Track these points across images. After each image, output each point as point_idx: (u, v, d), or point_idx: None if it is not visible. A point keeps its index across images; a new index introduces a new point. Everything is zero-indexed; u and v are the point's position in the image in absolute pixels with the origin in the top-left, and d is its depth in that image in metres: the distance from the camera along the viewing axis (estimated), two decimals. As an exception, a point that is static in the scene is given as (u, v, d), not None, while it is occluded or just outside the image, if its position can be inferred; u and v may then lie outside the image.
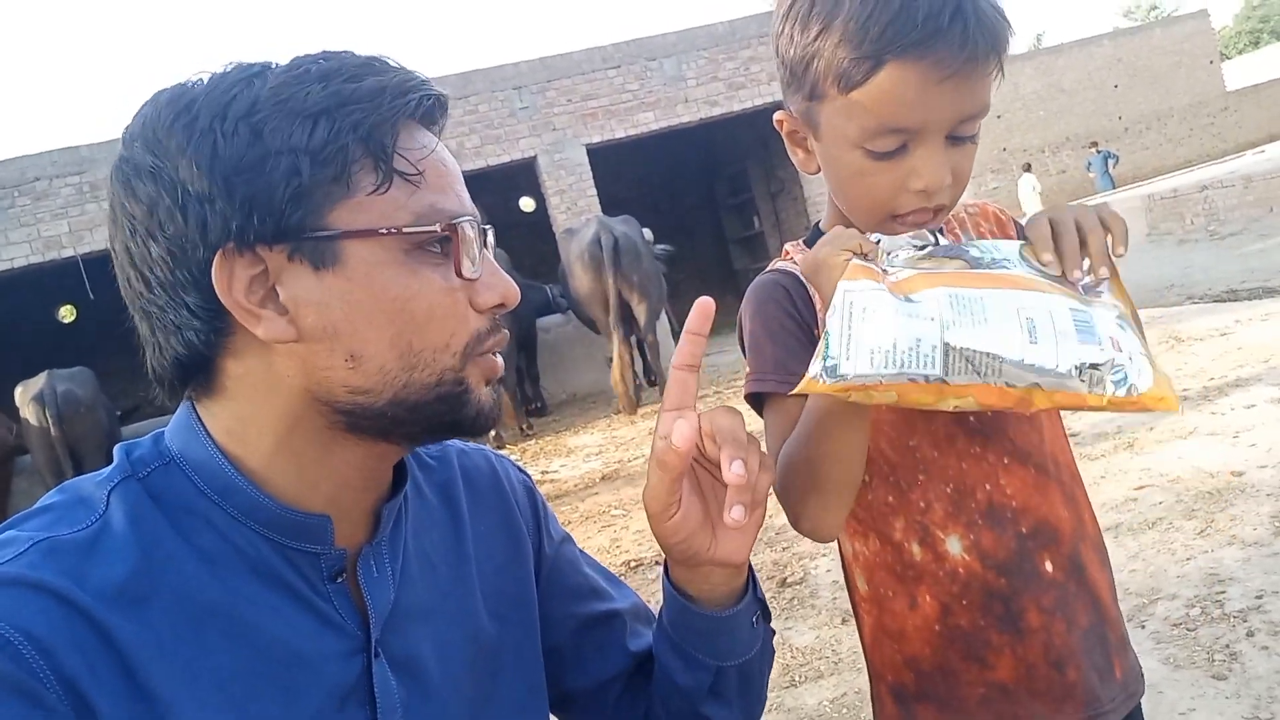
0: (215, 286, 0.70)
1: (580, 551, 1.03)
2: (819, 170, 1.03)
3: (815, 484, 0.93)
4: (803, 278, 0.98)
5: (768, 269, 1.10)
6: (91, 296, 10.41)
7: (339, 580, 0.77)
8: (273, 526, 0.74)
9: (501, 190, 15.62)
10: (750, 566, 0.90)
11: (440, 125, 0.79)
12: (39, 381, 8.81)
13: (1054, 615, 0.99)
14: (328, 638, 0.75)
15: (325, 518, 0.75)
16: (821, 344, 0.77)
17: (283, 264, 0.71)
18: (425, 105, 0.76)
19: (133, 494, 0.72)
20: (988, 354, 0.74)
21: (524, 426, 9.57)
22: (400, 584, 0.82)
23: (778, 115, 1.04)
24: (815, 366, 0.76)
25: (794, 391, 0.80)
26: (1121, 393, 0.75)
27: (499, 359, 0.80)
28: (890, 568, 1.03)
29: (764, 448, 0.82)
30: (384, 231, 0.72)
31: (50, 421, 8.59)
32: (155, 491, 0.73)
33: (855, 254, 0.83)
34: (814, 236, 1.09)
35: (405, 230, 0.72)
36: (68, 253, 11.07)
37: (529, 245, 15.49)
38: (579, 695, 0.99)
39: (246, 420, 0.74)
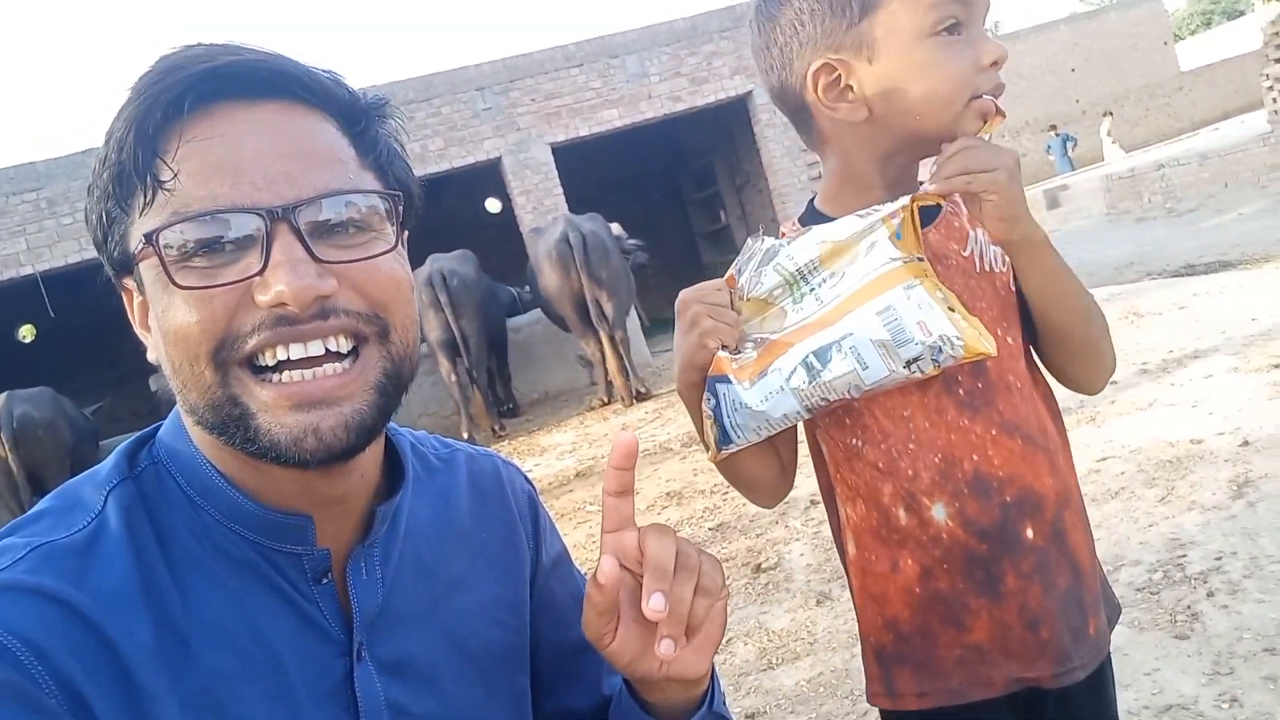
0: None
1: (576, 571, 1.01)
2: (866, 118, 1.02)
3: (743, 489, 1.15)
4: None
5: None
6: (52, 314, 10.25)
7: (325, 582, 0.76)
8: (253, 528, 0.73)
9: (467, 192, 15.55)
10: (714, 672, 0.86)
11: (242, 94, 0.70)
12: (-4, 403, 8.68)
13: (1031, 579, 1.01)
14: (311, 639, 0.74)
15: (306, 518, 0.74)
16: (709, 428, 1.00)
17: (137, 293, 0.74)
18: (197, 93, 0.68)
19: (128, 495, 0.72)
20: (838, 397, 0.96)
21: (496, 428, 9.54)
22: (392, 587, 0.80)
23: (814, 68, 1.01)
24: (711, 446, 1.02)
25: (712, 461, 1.04)
26: (943, 364, 0.92)
27: (314, 382, 0.69)
28: (875, 532, 1.05)
29: (704, 569, 0.77)
30: (135, 253, 0.71)
31: (6, 445, 8.45)
32: (146, 493, 0.72)
33: (720, 346, 0.98)
34: (809, 214, 1.10)
35: (133, 250, 0.70)
36: (26, 270, 10.87)
37: (496, 246, 15.43)
38: (544, 718, 0.96)
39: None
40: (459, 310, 9.29)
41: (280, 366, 0.69)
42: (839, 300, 0.95)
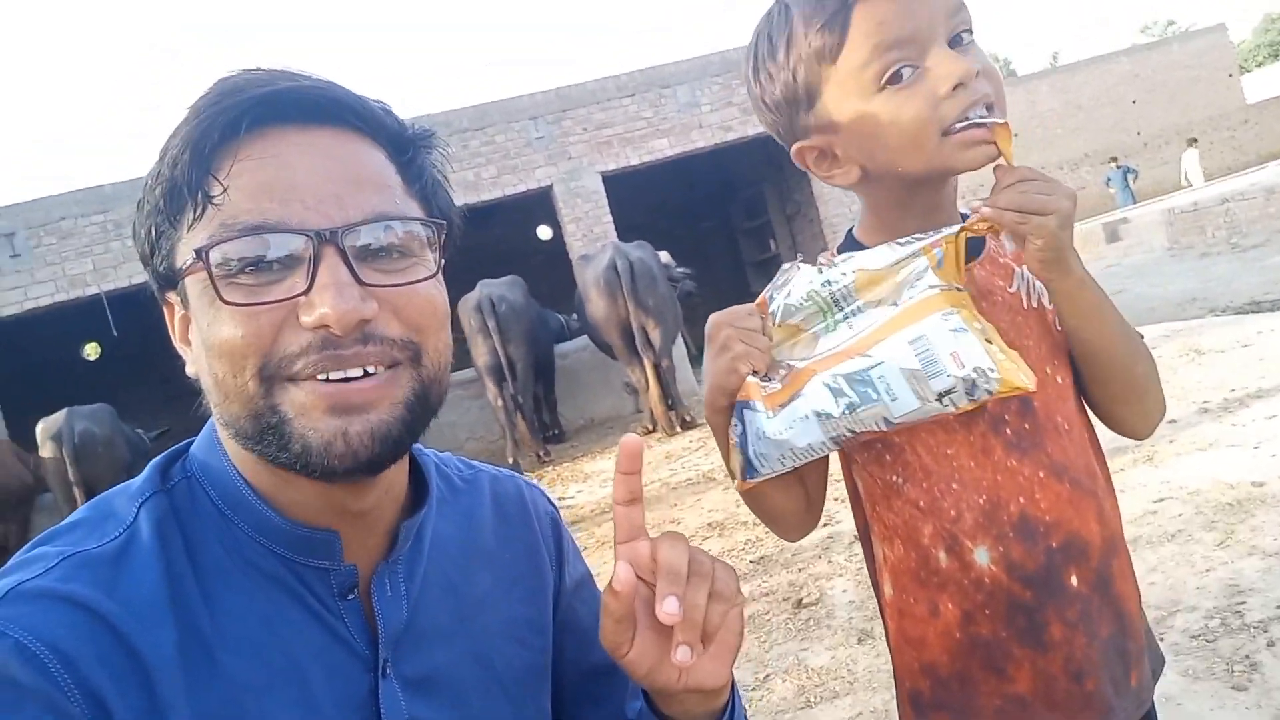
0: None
1: (599, 594, 0.99)
2: (861, 176, 1.02)
3: (767, 521, 1.12)
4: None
5: None
6: (115, 333, 10.57)
7: (350, 598, 0.77)
8: (282, 542, 0.74)
9: (519, 219, 15.74)
10: (733, 684, 0.85)
11: (314, 121, 0.72)
12: (58, 419, 8.97)
13: (1076, 628, 0.98)
14: (337, 654, 0.75)
15: (333, 533, 0.75)
16: (736, 455, 0.97)
17: (181, 307, 0.76)
18: (255, 114, 0.70)
19: (160, 508, 0.73)
20: (865, 429, 0.92)
21: (541, 453, 9.57)
22: (417, 604, 0.81)
23: (795, 150, 1.04)
24: (736, 475, 0.98)
25: (739, 490, 1.00)
26: (977, 399, 0.89)
27: (354, 385, 0.70)
28: (914, 573, 1.02)
29: (717, 574, 0.77)
30: (182, 268, 0.72)
31: (67, 460, 8.71)
32: (178, 506, 0.74)
33: (750, 371, 0.95)
34: (847, 244, 1.08)
35: (179, 266, 0.72)
36: (92, 291, 11.25)
37: (546, 273, 15.57)
38: None
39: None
40: (506, 335, 9.37)
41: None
42: (872, 328, 0.92)
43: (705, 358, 1.00)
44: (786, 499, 1.08)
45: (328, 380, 0.69)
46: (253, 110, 0.69)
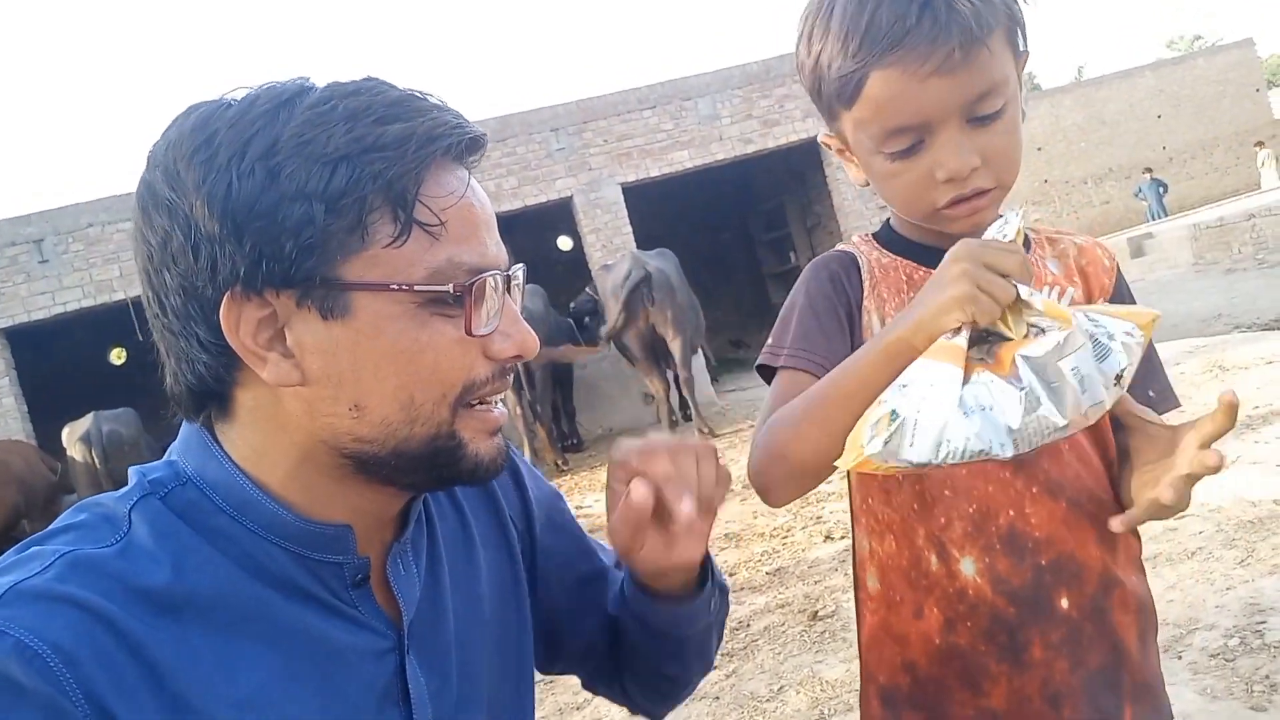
0: (223, 327, 0.70)
1: (567, 509, 1.05)
2: (867, 183, 1.05)
3: (808, 454, 0.91)
4: (860, 262, 1.02)
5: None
6: (140, 338, 10.67)
7: (362, 585, 0.77)
8: (293, 539, 0.74)
9: (539, 230, 15.79)
10: (707, 555, 0.94)
11: (474, 160, 0.77)
12: (85, 422, 9.08)
13: (1059, 652, 0.96)
14: (360, 640, 0.76)
15: (346, 527, 0.76)
16: (880, 419, 0.77)
17: (291, 309, 0.70)
18: (456, 149, 0.73)
19: (154, 510, 0.72)
20: (1061, 427, 0.77)
21: (559, 462, 9.58)
22: (427, 580, 0.83)
23: (821, 136, 1.07)
24: (874, 444, 0.76)
25: (844, 466, 0.81)
26: (1123, 380, 0.80)
27: (498, 411, 0.79)
28: (905, 572, 1.01)
29: (719, 458, 0.86)
30: (395, 287, 0.70)
31: (96, 460, 8.82)
32: (177, 508, 0.73)
33: (971, 321, 0.79)
34: (884, 232, 1.10)
35: (418, 288, 0.71)
36: (118, 296, 11.38)
37: (566, 283, 15.61)
38: (572, 656, 1.03)
39: (260, 448, 0.75)
40: (526, 345, 9.39)
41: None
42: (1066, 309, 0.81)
43: (929, 286, 0.85)
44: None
45: (491, 405, 0.78)
46: (453, 149, 0.73)
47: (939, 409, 0.76)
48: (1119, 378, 0.80)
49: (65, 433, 9.21)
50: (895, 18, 0.89)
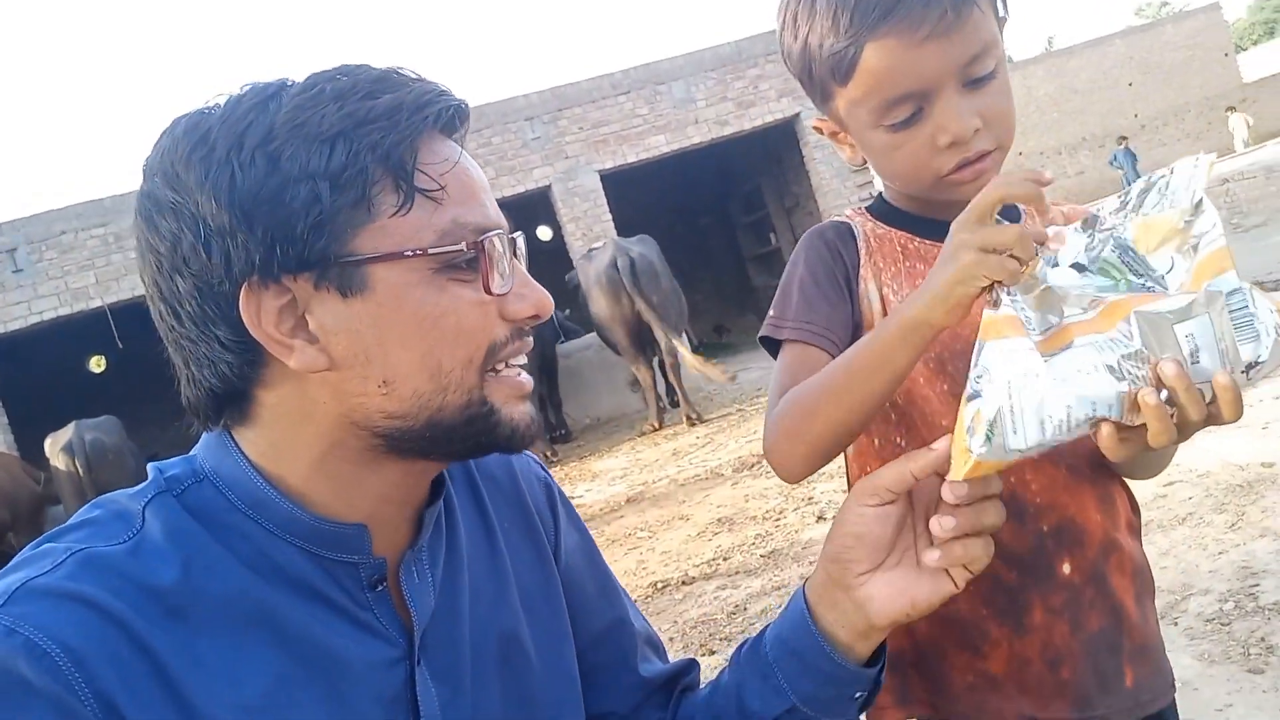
0: (244, 320, 0.69)
1: (599, 558, 1.02)
2: (865, 163, 1.04)
3: (826, 432, 0.90)
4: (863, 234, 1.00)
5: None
6: (120, 345, 10.58)
7: (379, 588, 0.77)
8: (309, 538, 0.73)
9: (518, 220, 15.30)
10: (885, 650, 0.90)
11: (462, 133, 0.78)
12: (67, 432, 9.01)
13: (1060, 616, 0.97)
14: (371, 645, 0.75)
15: (362, 527, 0.75)
16: (975, 417, 0.72)
17: (310, 292, 0.70)
18: (445, 116, 0.74)
19: (168, 508, 0.72)
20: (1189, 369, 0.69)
21: (548, 453, 9.57)
22: (443, 589, 0.82)
23: (814, 122, 1.06)
24: (980, 446, 0.71)
25: (958, 477, 0.76)
26: (1257, 374, 0.70)
27: (523, 377, 0.79)
28: None
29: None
30: (409, 254, 0.70)
31: (80, 470, 8.75)
32: (192, 506, 0.72)
33: (996, 284, 0.75)
34: (878, 204, 1.09)
35: (431, 251, 0.71)
36: (95, 303, 11.27)
37: (547, 273, 15.52)
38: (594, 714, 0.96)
39: (281, 445, 0.74)
40: (511, 336, 9.37)
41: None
42: (1172, 279, 0.73)
43: (935, 267, 0.82)
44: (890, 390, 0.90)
45: (516, 369, 0.78)
46: (442, 115, 0.74)
47: (1029, 386, 0.70)
48: (1250, 368, 0.69)
49: (48, 443, 9.12)
50: None
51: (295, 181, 0.68)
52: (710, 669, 3.39)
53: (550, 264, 15.58)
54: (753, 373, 10.71)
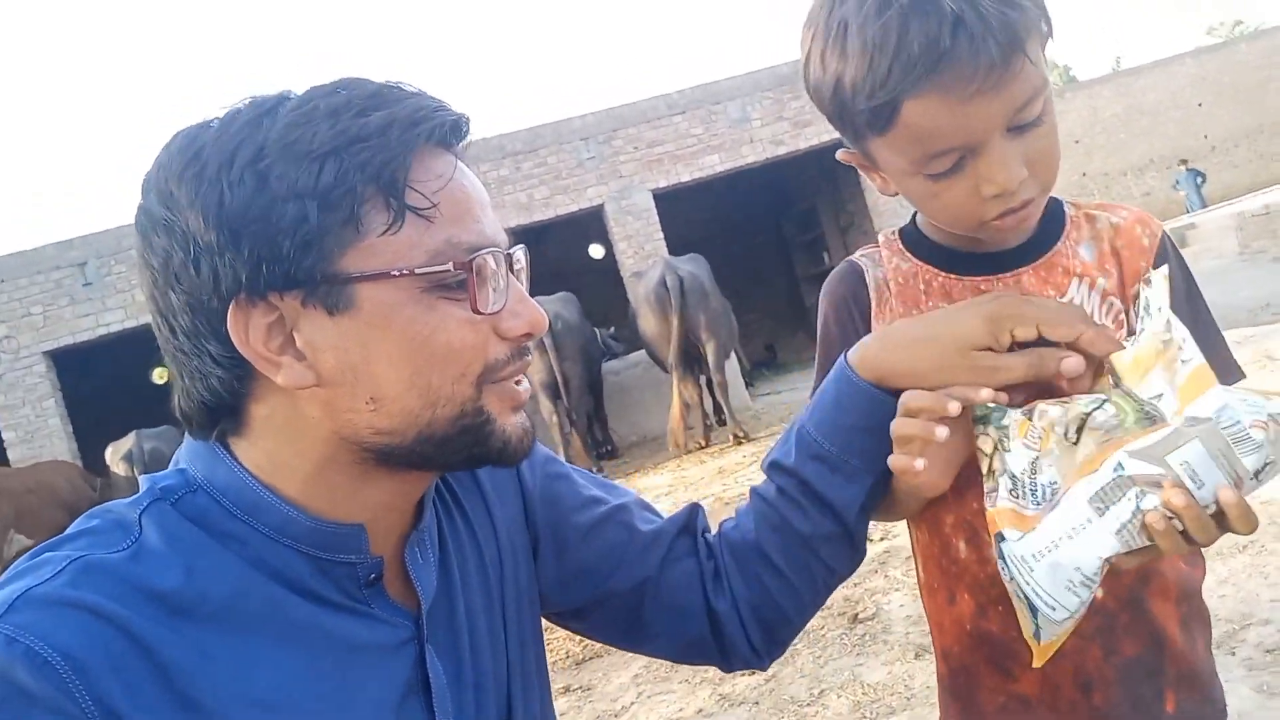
0: (232, 337, 0.70)
1: (574, 470, 1.02)
2: (898, 195, 0.98)
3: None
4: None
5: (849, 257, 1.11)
6: (182, 356, 10.85)
7: (375, 585, 0.77)
8: (307, 540, 0.73)
9: (571, 238, 15.85)
10: None
11: (461, 145, 0.77)
12: (128, 441, 9.34)
13: (1093, 641, 0.95)
14: (378, 630, 0.76)
15: (359, 527, 0.76)
16: (1021, 617, 0.81)
17: (297, 310, 0.71)
18: (440, 131, 0.73)
19: (164, 515, 0.72)
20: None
21: (594, 469, 9.58)
22: (442, 567, 0.83)
23: (840, 154, 1.00)
24: (1028, 629, 0.81)
25: (1043, 662, 0.84)
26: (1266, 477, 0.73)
27: (522, 386, 0.79)
28: (937, 560, 1.02)
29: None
30: (396, 273, 0.70)
31: (139, 477, 9.04)
32: (189, 513, 0.73)
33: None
34: (910, 231, 1.06)
35: (418, 271, 0.70)
36: (161, 316, 11.59)
37: (599, 291, 15.65)
38: (629, 593, 0.96)
39: (277, 457, 0.75)
40: (562, 352, 9.43)
41: None
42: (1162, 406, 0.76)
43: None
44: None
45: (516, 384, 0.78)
46: (436, 132, 0.73)
47: (1040, 568, 0.77)
48: (1258, 474, 0.71)
49: (109, 451, 9.44)
50: (927, 39, 0.80)
51: (283, 200, 0.68)
52: (751, 688, 3.34)
53: (601, 282, 15.68)
54: (801, 393, 10.61)
